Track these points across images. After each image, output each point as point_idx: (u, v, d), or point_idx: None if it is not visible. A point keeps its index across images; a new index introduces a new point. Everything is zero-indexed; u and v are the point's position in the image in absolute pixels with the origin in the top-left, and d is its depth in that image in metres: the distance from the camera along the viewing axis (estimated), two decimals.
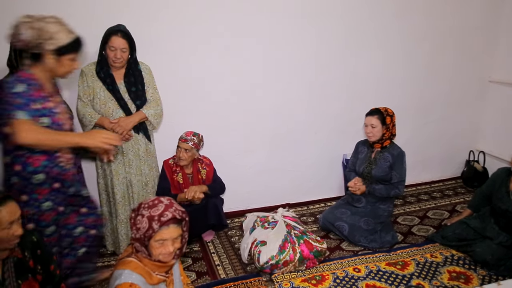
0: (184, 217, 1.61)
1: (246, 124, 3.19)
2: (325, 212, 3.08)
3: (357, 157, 3.03)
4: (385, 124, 2.80)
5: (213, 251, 2.83)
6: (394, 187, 2.84)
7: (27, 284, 1.62)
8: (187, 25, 2.80)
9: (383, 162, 2.85)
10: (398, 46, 3.44)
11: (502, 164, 3.46)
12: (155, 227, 1.51)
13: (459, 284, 2.40)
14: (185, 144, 2.71)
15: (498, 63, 3.81)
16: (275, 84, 3.17)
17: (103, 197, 2.66)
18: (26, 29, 1.72)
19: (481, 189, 2.87)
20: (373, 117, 2.82)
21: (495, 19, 3.70)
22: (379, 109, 2.84)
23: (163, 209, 1.55)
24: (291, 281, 2.45)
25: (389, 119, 2.82)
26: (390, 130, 2.84)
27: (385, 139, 2.84)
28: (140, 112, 2.50)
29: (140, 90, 2.51)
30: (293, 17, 3.04)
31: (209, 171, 2.89)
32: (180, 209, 1.61)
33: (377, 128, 2.81)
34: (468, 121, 3.97)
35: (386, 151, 2.86)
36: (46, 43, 1.74)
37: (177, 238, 1.58)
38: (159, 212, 1.53)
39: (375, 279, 2.46)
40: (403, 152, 2.87)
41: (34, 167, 1.84)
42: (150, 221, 1.52)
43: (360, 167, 2.94)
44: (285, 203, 3.46)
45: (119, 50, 2.35)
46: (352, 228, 2.84)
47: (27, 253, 1.64)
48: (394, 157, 2.83)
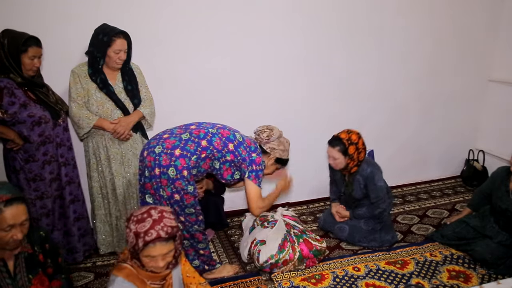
0: (174, 233, 1.52)
1: (245, 123, 3.16)
2: (325, 214, 3.07)
3: (333, 172, 2.94)
4: (347, 155, 2.62)
5: (213, 250, 2.83)
6: (376, 206, 2.77)
7: (38, 278, 1.64)
8: (187, 24, 2.79)
9: (357, 184, 2.76)
10: (398, 45, 3.44)
11: (501, 163, 3.46)
12: (140, 245, 1.46)
13: (459, 283, 2.40)
14: None
15: (497, 62, 3.80)
16: (274, 83, 3.16)
17: (98, 200, 2.59)
18: None
19: (481, 188, 2.87)
20: (333, 149, 2.64)
21: (495, 18, 3.69)
22: (341, 139, 2.63)
23: (150, 226, 1.47)
24: (291, 280, 2.45)
25: (352, 149, 2.60)
26: (355, 159, 2.64)
27: (350, 168, 2.69)
28: (138, 111, 2.50)
29: (135, 89, 2.51)
30: (292, 16, 3.03)
31: None
32: (169, 225, 1.51)
33: (339, 160, 2.63)
34: (468, 120, 3.97)
35: (357, 174, 2.75)
36: None
37: (167, 253, 1.52)
38: (145, 230, 1.46)
39: (374, 278, 2.47)
40: (374, 171, 2.70)
41: None
42: (136, 237, 1.47)
43: (341, 188, 2.91)
44: (285, 202, 3.47)
45: (123, 52, 2.37)
46: (353, 229, 2.82)
47: (37, 248, 1.67)
48: (365, 179, 2.73)
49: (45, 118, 2.26)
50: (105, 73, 2.43)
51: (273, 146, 2.40)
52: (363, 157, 2.71)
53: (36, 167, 2.28)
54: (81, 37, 2.44)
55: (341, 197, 2.99)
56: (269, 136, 2.39)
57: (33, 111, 2.21)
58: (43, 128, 2.26)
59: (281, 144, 2.42)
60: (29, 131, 2.22)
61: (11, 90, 2.14)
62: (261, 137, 2.40)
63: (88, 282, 2.47)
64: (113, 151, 2.49)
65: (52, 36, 2.45)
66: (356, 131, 2.70)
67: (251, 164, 2.23)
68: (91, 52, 2.38)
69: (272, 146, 2.40)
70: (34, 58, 2.19)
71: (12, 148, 2.23)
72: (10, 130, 2.18)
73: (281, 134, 2.46)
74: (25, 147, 2.24)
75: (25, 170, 2.27)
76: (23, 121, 2.19)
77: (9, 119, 2.16)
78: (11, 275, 1.57)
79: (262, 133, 2.41)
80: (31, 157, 2.26)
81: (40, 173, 2.30)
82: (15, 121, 2.18)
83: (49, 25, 2.47)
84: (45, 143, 2.29)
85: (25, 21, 2.37)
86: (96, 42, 2.35)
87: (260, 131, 2.44)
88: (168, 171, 2.07)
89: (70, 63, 2.47)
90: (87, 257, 2.68)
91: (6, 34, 2.13)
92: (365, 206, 2.83)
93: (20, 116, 2.18)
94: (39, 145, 2.27)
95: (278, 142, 2.41)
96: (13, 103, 2.15)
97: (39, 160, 2.28)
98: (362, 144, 2.67)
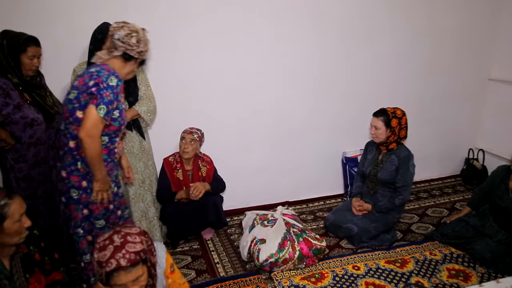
0: (137, 260, 1.41)
1: (246, 122, 3.18)
2: (335, 214, 2.99)
3: (366, 157, 2.98)
4: (390, 127, 2.70)
5: (213, 249, 2.83)
6: (398, 193, 2.77)
7: (35, 277, 1.66)
8: (189, 23, 2.79)
9: (389, 165, 2.77)
10: (397, 44, 3.43)
11: (501, 162, 3.46)
12: (103, 275, 1.37)
13: (458, 281, 2.40)
14: (190, 135, 2.75)
15: (497, 61, 3.80)
16: (275, 82, 3.16)
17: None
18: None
19: (481, 187, 2.87)
20: (377, 118, 2.72)
21: (495, 18, 3.69)
22: (386, 110, 2.72)
23: (110, 255, 1.37)
24: (291, 279, 2.45)
25: (395, 122, 2.68)
26: (397, 133, 2.71)
27: (390, 142, 2.75)
28: (133, 109, 2.47)
29: (132, 87, 2.49)
30: (293, 15, 3.03)
31: (210, 169, 2.90)
32: (132, 251, 1.40)
33: (380, 130, 2.71)
34: (468, 119, 3.97)
35: (393, 154, 2.77)
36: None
37: (137, 279, 1.42)
38: (105, 259, 1.37)
39: (374, 277, 2.47)
40: (411, 156, 2.77)
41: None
42: (99, 267, 1.38)
43: (367, 168, 2.91)
44: (285, 201, 3.47)
45: None
46: (362, 231, 2.78)
47: (32, 247, 1.69)
48: (400, 160, 2.75)
49: (37, 120, 2.26)
50: None
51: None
52: (404, 134, 2.77)
53: (26, 168, 2.29)
54: (81, 37, 2.43)
55: (362, 192, 2.99)
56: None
57: (26, 112, 2.21)
58: (34, 130, 2.26)
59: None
60: (21, 132, 2.22)
61: (6, 91, 2.15)
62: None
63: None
64: None
65: (51, 36, 2.45)
66: (402, 109, 2.77)
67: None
68: (91, 51, 2.37)
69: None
70: (34, 58, 2.19)
71: (4, 147, 2.24)
72: (1, 130, 2.19)
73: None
74: (16, 147, 2.25)
75: (15, 169, 2.27)
76: (16, 122, 2.19)
77: (1, 120, 2.16)
78: (7, 276, 1.57)
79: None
80: (21, 157, 2.27)
81: (29, 173, 2.30)
82: (8, 121, 2.18)
83: (48, 25, 2.47)
84: (36, 144, 2.29)
85: (23, 21, 2.37)
86: (94, 41, 2.35)
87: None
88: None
89: (70, 62, 2.46)
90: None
91: (4, 34, 2.13)
92: (386, 197, 2.82)
93: (13, 117, 2.18)
94: (29, 146, 2.27)
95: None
96: (7, 104, 2.15)
97: (29, 161, 2.28)
98: (405, 121, 2.74)
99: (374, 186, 2.88)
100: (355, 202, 2.96)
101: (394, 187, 2.80)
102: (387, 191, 2.84)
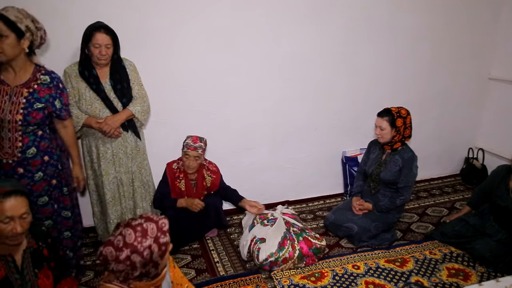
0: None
1: (246, 122, 3.18)
2: (335, 213, 2.99)
3: (368, 156, 2.98)
4: (395, 127, 2.69)
5: (213, 248, 2.83)
6: (399, 193, 2.77)
7: (43, 272, 1.67)
8: (185, 22, 2.78)
9: (393, 165, 2.77)
10: (397, 43, 3.43)
11: (501, 161, 3.46)
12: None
13: (458, 281, 2.41)
14: (194, 152, 2.64)
15: (497, 61, 3.80)
16: (275, 81, 3.16)
17: (94, 197, 2.64)
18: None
19: (481, 187, 2.87)
20: (382, 118, 2.71)
21: (495, 17, 3.69)
22: (391, 110, 2.71)
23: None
24: (290, 278, 2.45)
25: (400, 121, 2.68)
26: (402, 133, 2.70)
27: (394, 142, 2.75)
28: (127, 109, 2.45)
29: (125, 87, 2.46)
30: (293, 13, 3.02)
31: (216, 178, 2.85)
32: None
33: (385, 130, 2.70)
34: (468, 118, 3.97)
35: (397, 154, 2.77)
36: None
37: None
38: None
39: (374, 276, 2.47)
40: (414, 157, 2.76)
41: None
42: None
43: (370, 168, 2.90)
44: (284, 200, 3.47)
45: (103, 47, 2.30)
46: (362, 230, 2.78)
47: (41, 243, 1.70)
48: (404, 161, 2.74)
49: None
50: (97, 70, 2.40)
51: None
52: (409, 134, 2.76)
53: None
54: (75, 36, 2.40)
55: (363, 191, 3.00)
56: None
57: None
58: None
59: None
60: None
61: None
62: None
63: (88, 280, 2.47)
64: (102, 149, 2.48)
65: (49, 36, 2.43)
66: (406, 108, 2.76)
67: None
68: (82, 49, 2.36)
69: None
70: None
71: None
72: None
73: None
74: None
75: None
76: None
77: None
78: (18, 270, 1.59)
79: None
80: None
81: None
82: None
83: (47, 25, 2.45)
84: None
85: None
86: (83, 39, 2.33)
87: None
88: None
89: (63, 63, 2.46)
90: (86, 255, 2.68)
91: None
92: (387, 197, 2.82)
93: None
94: None
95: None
96: None
97: None
98: (409, 121, 2.74)
99: (377, 186, 2.88)
100: (355, 201, 2.96)
101: (396, 188, 2.80)
102: (388, 191, 2.84)
